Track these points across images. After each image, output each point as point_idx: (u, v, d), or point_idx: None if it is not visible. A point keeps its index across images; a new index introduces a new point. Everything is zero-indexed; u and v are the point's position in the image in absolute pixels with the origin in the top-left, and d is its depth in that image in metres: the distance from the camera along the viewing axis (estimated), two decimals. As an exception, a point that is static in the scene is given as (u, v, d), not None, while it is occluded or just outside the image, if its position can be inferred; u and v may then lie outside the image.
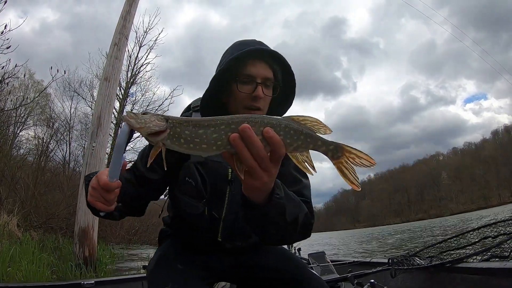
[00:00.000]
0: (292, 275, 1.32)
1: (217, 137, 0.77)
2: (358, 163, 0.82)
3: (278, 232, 1.04)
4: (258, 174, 0.79)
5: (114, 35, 6.42)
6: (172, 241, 1.46)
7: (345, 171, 0.83)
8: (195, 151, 0.79)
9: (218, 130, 0.77)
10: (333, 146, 0.82)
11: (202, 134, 0.78)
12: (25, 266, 4.08)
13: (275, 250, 1.48)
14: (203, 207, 1.28)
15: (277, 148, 0.76)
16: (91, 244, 5.38)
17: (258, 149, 0.75)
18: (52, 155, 14.72)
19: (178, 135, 0.79)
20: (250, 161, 0.76)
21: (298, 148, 0.81)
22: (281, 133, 0.78)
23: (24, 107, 13.80)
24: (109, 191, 0.95)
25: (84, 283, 2.47)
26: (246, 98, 1.21)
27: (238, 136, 0.74)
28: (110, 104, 6.07)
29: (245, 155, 0.75)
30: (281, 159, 0.79)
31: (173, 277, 1.22)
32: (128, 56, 16.63)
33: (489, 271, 1.77)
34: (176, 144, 0.79)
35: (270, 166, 0.79)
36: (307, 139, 0.80)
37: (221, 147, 0.78)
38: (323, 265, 2.80)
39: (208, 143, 0.78)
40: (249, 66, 1.20)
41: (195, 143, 0.78)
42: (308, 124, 0.81)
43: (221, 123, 0.78)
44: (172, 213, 1.47)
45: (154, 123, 0.78)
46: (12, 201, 8.31)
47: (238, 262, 1.41)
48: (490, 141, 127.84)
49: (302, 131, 0.80)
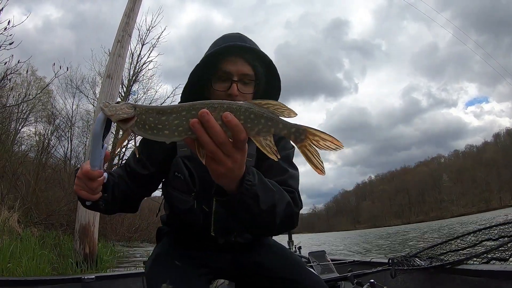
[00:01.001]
0: (289, 274, 1.31)
1: (179, 123, 0.78)
2: (323, 146, 0.81)
3: (254, 220, 1.02)
4: (221, 159, 0.78)
5: (117, 32, 6.43)
6: (169, 239, 1.46)
7: (309, 154, 0.81)
8: (158, 137, 0.80)
9: (179, 117, 0.78)
10: (295, 129, 0.81)
11: (165, 121, 0.79)
12: (25, 262, 4.08)
13: (273, 248, 1.47)
14: (192, 201, 1.27)
15: (236, 132, 0.75)
16: (92, 241, 5.39)
17: (217, 133, 0.74)
18: (53, 152, 14.75)
19: (144, 122, 0.80)
20: (211, 146, 0.76)
21: (260, 132, 0.80)
22: (241, 118, 0.77)
23: (26, 103, 13.86)
24: (91, 179, 0.97)
25: (84, 278, 2.48)
26: (221, 96, 1.21)
27: (197, 121, 0.74)
28: (112, 101, 6.03)
29: (205, 140, 0.75)
30: (244, 144, 0.78)
31: (170, 274, 1.22)
32: (130, 54, 16.68)
33: (489, 274, 1.77)
34: (142, 130, 0.81)
35: (232, 151, 0.78)
36: (268, 123, 0.79)
37: (182, 133, 0.79)
38: (323, 264, 2.79)
39: (170, 129, 0.79)
40: (226, 62, 1.21)
41: (158, 129, 0.79)
42: (271, 107, 0.80)
43: (182, 110, 0.78)
44: (168, 211, 1.47)
45: (123, 110, 0.80)
46: (13, 197, 8.33)
47: (234, 259, 1.40)
48: (491, 144, 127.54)
49: (263, 115, 0.79)
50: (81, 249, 5.26)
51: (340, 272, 2.66)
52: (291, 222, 1.17)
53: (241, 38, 1.29)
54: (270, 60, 1.28)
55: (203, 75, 1.25)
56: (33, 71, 15.71)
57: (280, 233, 1.21)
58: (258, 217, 1.00)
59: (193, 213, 1.28)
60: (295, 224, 1.19)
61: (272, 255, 1.41)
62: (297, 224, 1.21)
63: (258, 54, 1.25)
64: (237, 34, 1.31)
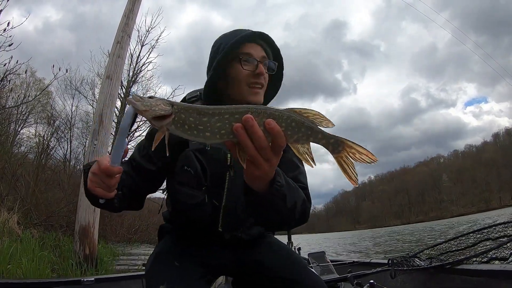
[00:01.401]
0: (290, 273, 1.31)
1: (221, 126, 0.79)
2: (359, 158, 0.83)
3: (278, 218, 1.07)
4: (260, 163, 0.82)
5: (116, 33, 6.42)
6: (170, 238, 1.45)
7: (344, 165, 0.84)
8: (198, 138, 0.81)
9: (222, 119, 0.79)
10: (333, 140, 0.83)
11: (206, 122, 0.79)
12: (25, 264, 4.07)
13: (274, 247, 1.47)
14: (203, 195, 1.27)
15: (278, 139, 0.78)
16: (92, 242, 5.37)
17: (260, 139, 0.77)
18: (53, 153, 14.73)
19: (183, 121, 0.80)
20: (252, 151, 0.79)
21: (299, 140, 0.82)
22: (283, 125, 0.79)
23: (26, 104, 13.85)
24: (110, 176, 0.94)
25: (84, 280, 2.48)
26: (249, 76, 1.26)
27: (241, 126, 0.76)
28: (112, 103, 6.06)
29: (247, 144, 0.78)
30: (282, 150, 0.81)
31: (169, 275, 1.22)
32: (130, 55, 16.66)
33: (489, 273, 1.77)
34: (180, 130, 0.80)
35: (271, 156, 0.81)
36: (308, 132, 0.81)
37: (224, 136, 0.80)
38: (322, 265, 2.80)
39: (211, 131, 0.79)
40: (247, 47, 1.27)
41: (199, 130, 0.80)
42: (310, 117, 0.82)
43: (225, 112, 0.79)
44: (171, 208, 1.45)
45: (160, 107, 0.79)
46: (12, 198, 8.32)
47: (236, 257, 1.40)
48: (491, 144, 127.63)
49: (304, 123, 0.81)
50: (81, 250, 5.24)
51: (340, 273, 2.66)
52: (305, 218, 1.21)
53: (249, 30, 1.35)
54: (278, 48, 1.35)
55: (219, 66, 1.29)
56: (33, 72, 15.74)
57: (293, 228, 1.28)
58: (282, 214, 1.05)
59: (201, 208, 1.27)
60: (307, 219, 1.24)
61: (273, 253, 1.41)
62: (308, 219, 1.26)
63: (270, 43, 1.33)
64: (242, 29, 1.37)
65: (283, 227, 1.26)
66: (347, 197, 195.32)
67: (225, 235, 1.34)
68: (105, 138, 5.86)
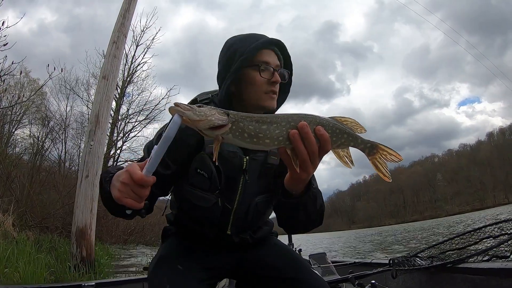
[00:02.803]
0: (293, 274, 1.32)
1: (279, 133, 0.86)
2: (389, 159, 0.95)
3: (306, 219, 1.17)
4: (308, 167, 0.90)
5: (112, 33, 6.37)
6: (173, 240, 1.45)
7: (378, 165, 0.95)
8: (257, 145, 0.86)
9: (280, 127, 0.86)
10: (370, 144, 0.95)
11: (266, 130, 0.85)
12: (22, 267, 4.01)
13: (277, 248, 1.48)
14: (215, 198, 1.27)
15: (325, 144, 0.88)
16: (89, 244, 5.31)
17: (312, 144, 0.86)
18: (48, 154, 14.59)
19: (242, 130, 0.83)
20: (305, 156, 0.87)
21: (341, 145, 0.92)
22: (329, 131, 0.88)
23: (20, 105, 13.70)
24: (144, 187, 0.89)
25: (84, 285, 2.45)
26: (265, 84, 1.27)
27: (297, 132, 0.85)
28: (108, 103, 6.00)
29: (301, 149, 0.86)
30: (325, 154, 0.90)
31: (172, 279, 1.21)
32: (125, 55, 16.57)
33: (490, 272, 1.78)
34: (239, 138, 0.84)
35: (317, 160, 0.90)
36: (349, 138, 0.92)
37: (281, 142, 0.86)
38: (324, 266, 2.81)
39: (271, 138, 0.85)
40: (263, 54, 1.28)
41: (258, 137, 0.85)
42: (349, 124, 0.93)
43: (282, 120, 0.86)
44: (176, 210, 1.45)
45: (215, 116, 0.80)
46: (7, 200, 8.22)
47: (240, 259, 1.41)
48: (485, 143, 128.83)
49: (346, 131, 0.91)
50: (78, 253, 5.18)
51: (341, 273, 2.67)
52: (322, 219, 1.28)
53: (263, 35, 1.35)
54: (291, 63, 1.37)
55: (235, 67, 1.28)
56: (27, 72, 15.57)
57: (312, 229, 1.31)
58: (310, 215, 1.16)
59: (212, 210, 1.27)
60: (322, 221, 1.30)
61: (276, 255, 1.43)
62: None
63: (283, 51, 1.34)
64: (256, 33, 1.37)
65: (307, 227, 1.28)
66: (342, 197, 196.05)
67: (234, 238, 1.35)
68: (102, 138, 5.81)
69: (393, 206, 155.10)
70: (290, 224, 1.28)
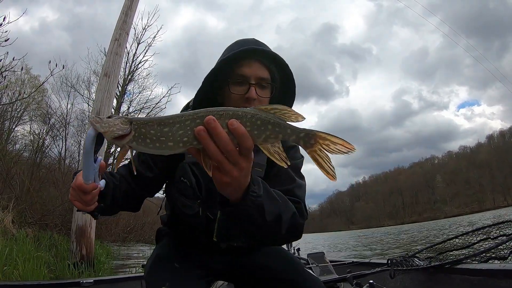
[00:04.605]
0: (288, 275, 1.32)
1: (183, 133, 0.75)
2: (334, 150, 0.77)
3: (258, 231, 0.99)
4: (227, 168, 0.75)
5: (114, 30, 6.38)
6: (169, 240, 1.46)
7: (319, 159, 0.78)
8: (161, 150, 0.76)
9: (183, 126, 0.74)
10: (303, 134, 0.77)
11: (168, 132, 0.75)
12: (21, 265, 4.02)
13: (272, 250, 1.47)
14: (198, 207, 1.26)
15: (243, 140, 0.72)
16: (88, 242, 5.33)
17: (224, 141, 0.72)
18: (48, 151, 14.58)
19: (144, 136, 0.76)
20: (218, 155, 0.73)
21: (268, 139, 0.76)
22: (248, 124, 0.74)
23: (20, 102, 13.68)
24: (85, 193, 0.97)
25: (83, 282, 2.47)
26: (238, 100, 1.18)
27: (203, 129, 0.71)
28: (109, 100, 6.02)
29: (211, 148, 0.72)
30: (250, 152, 0.75)
31: (170, 277, 1.22)
32: (126, 53, 16.55)
33: (488, 272, 1.78)
34: (142, 145, 0.77)
35: (239, 160, 0.75)
36: (275, 129, 0.76)
37: (187, 143, 0.75)
38: (322, 266, 2.81)
39: (174, 140, 0.75)
40: (243, 67, 1.18)
41: (161, 142, 0.75)
42: (277, 113, 0.76)
43: (186, 119, 0.75)
44: (169, 212, 1.46)
45: (117, 126, 0.76)
46: (7, 197, 8.22)
47: (235, 262, 1.40)
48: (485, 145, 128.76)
49: (270, 121, 0.75)
50: (77, 251, 5.20)
51: (339, 273, 2.67)
52: (296, 233, 1.14)
53: (256, 42, 1.27)
54: (286, 64, 1.25)
55: (216, 80, 1.23)
56: (28, 69, 15.53)
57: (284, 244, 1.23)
58: (262, 227, 0.97)
59: (197, 219, 1.27)
60: (300, 235, 1.17)
61: (271, 256, 1.42)
62: (301, 235, 1.18)
63: (274, 58, 1.23)
64: (252, 39, 1.29)
65: (266, 242, 1.19)
66: (341, 197, 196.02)
67: (220, 245, 1.33)
68: (102, 136, 5.81)
69: (392, 207, 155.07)
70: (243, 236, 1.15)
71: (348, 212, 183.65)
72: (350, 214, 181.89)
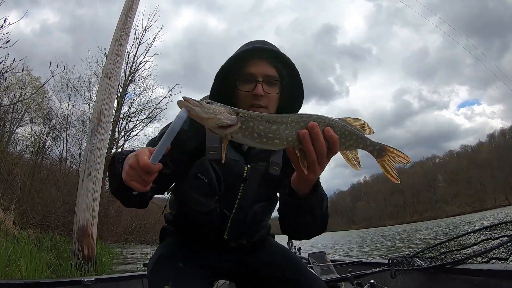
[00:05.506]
0: (290, 275, 1.34)
1: (289, 133, 0.85)
2: (397, 161, 0.96)
3: (312, 221, 1.14)
4: (315, 168, 0.90)
5: (115, 31, 6.38)
6: (173, 239, 1.46)
7: (387, 167, 0.96)
8: (265, 145, 0.85)
9: (289, 127, 0.85)
10: (379, 147, 0.95)
11: (275, 130, 0.84)
12: (23, 266, 4.02)
13: (274, 249, 1.50)
14: (214, 204, 1.27)
15: (334, 145, 0.87)
16: (90, 243, 5.31)
17: (321, 145, 0.86)
18: (49, 152, 14.60)
19: (252, 130, 0.83)
20: (313, 156, 0.87)
21: (349, 147, 0.92)
22: (338, 133, 0.88)
23: (21, 103, 13.70)
24: (149, 173, 0.90)
25: (84, 281, 2.47)
26: (248, 97, 1.22)
27: (307, 132, 0.84)
28: (110, 101, 6.01)
29: (310, 150, 0.85)
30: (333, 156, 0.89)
31: (173, 276, 1.22)
32: (126, 54, 16.57)
33: (489, 273, 1.78)
34: (248, 138, 0.83)
35: (325, 161, 0.90)
36: (358, 140, 0.92)
37: (290, 142, 0.86)
38: (323, 265, 2.81)
39: (280, 138, 0.85)
40: (250, 65, 1.23)
41: (268, 138, 0.84)
42: (358, 125, 0.93)
43: (292, 121, 0.85)
44: (175, 211, 1.46)
45: (224, 115, 0.79)
46: (8, 198, 8.24)
47: (239, 260, 1.42)
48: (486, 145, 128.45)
49: (355, 133, 0.91)
50: (79, 251, 5.19)
51: (340, 273, 2.68)
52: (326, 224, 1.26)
53: (264, 42, 1.31)
54: (293, 64, 1.29)
55: (227, 78, 1.26)
56: (28, 71, 15.56)
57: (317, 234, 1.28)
58: (316, 218, 1.14)
59: (210, 216, 1.28)
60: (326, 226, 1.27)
61: (275, 256, 1.44)
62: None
63: (281, 57, 1.27)
64: (261, 40, 1.34)
65: (311, 232, 1.26)
66: (343, 197, 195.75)
67: (230, 243, 1.36)
68: (104, 136, 5.82)
69: (393, 206, 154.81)
70: (294, 228, 1.24)
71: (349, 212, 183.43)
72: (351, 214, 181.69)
